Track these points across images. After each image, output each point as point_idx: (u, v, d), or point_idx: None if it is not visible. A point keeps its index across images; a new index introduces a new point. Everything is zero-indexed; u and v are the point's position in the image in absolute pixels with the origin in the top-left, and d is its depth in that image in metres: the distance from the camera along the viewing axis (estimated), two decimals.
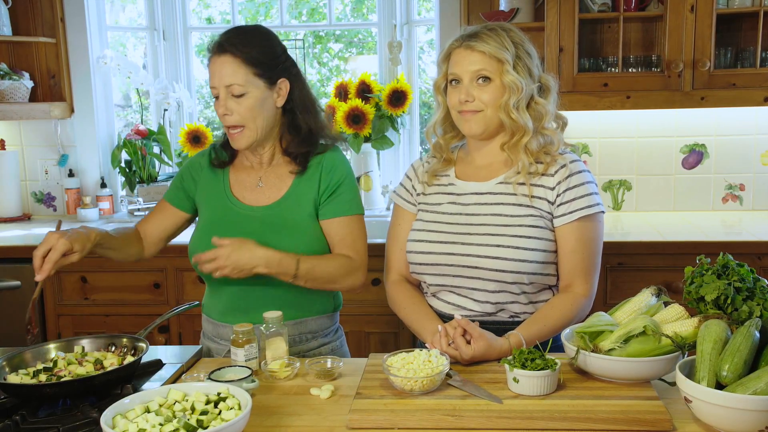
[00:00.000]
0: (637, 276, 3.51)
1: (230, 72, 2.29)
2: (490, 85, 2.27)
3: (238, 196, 2.47)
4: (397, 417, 1.82)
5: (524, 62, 2.28)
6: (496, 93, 2.27)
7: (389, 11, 4.67)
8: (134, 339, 2.19)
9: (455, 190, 2.41)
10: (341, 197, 2.43)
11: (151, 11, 4.81)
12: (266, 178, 2.47)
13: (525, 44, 2.31)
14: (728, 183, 4.24)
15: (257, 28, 2.41)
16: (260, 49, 2.33)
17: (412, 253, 2.39)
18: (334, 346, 2.56)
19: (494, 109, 2.28)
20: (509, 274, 2.25)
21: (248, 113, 2.32)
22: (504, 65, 2.25)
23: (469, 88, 2.29)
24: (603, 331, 2.02)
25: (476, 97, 2.28)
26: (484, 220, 2.31)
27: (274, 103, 2.38)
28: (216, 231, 2.35)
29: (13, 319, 3.75)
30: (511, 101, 2.26)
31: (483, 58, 2.27)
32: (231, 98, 2.31)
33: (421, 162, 2.54)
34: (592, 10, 3.85)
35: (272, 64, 2.35)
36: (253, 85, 2.31)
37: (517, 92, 2.26)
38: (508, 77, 2.25)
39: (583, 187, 2.29)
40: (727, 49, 3.83)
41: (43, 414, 1.91)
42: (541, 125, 2.33)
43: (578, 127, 4.23)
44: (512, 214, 2.29)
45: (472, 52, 2.28)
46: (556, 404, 1.85)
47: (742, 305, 1.92)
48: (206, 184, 2.52)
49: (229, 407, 1.75)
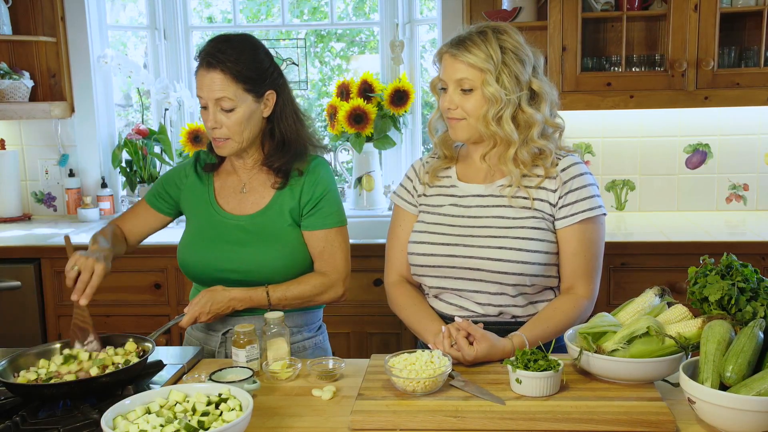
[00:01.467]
0: (641, 276, 3.50)
1: (220, 88, 2.33)
2: (472, 95, 2.26)
3: (223, 204, 2.53)
4: (399, 418, 1.82)
5: (511, 69, 2.24)
6: (477, 103, 2.25)
7: (391, 10, 4.66)
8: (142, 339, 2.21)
9: (457, 192, 2.40)
10: (323, 210, 2.48)
11: (152, 10, 4.80)
12: (250, 183, 2.53)
13: (518, 49, 2.27)
14: (732, 183, 4.23)
15: (246, 41, 2.43)
16: (250, 65, 2.37)
17: (414, 255, 2.38)
18: (317, 341, 2.60)
19: (476, 119, 2.27)
20: (511, 276, 2.24)
21: (237, 127, 2.37)
22: (485, 75, 2.22)
23: (452, 96, 2.28)
24: (606, 332, 2.01)
25: (459, 105, 2.27)
26: (486, 223, 2.30)
27: (261, 115, 2.43)
28: (203, 240, 2.49)
29: (14, 319, 3.76)
30: (489, 113, 2.24)
31: (465, 68, 2.25)
32: (220, 112, 2.36)
33: (421, 162, 2.53)
34: (595, 9, 3.84)
35: (261, 78, 2.40)
36: (242, 100, 2.36)
37: (496, 104, 2.23)
38: (489, 89, 2.22)
39: (585, 189, 2.28)
40: (731, 48, 3.83)
41: (43, 415, 1.91)
42: (530, 135, 2.28)
43: (581, 126, 4.22)
44: (514, 216, 2.28)
45: (455, 61, 2.26)
46: (559, 405, 1.85)
47: (746, 306, 1.91)
48: (191, 191, 2.58)
49: (230, 408, 1.75)
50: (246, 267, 2.43)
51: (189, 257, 2.51)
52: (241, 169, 2.53)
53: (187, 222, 2.60)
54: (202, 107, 2.39)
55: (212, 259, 2.46)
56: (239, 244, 2.44)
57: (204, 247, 2.48)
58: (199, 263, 2.48)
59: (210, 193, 2.55)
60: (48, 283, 3.80)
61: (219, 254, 2.45)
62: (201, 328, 2.57)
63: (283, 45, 4.90)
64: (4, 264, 3.76)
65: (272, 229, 2.46)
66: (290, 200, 2.47)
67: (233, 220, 2.48)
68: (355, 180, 4.54)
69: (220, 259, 2.45)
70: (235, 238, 2.46)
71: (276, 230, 2.46)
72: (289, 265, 2.45)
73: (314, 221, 2.47)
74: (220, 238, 2.47)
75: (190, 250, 2.51)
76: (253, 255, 2.44)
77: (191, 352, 2.35)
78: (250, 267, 2.43)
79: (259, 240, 2.45)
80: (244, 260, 2.43)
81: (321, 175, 2.49)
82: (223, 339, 2.50)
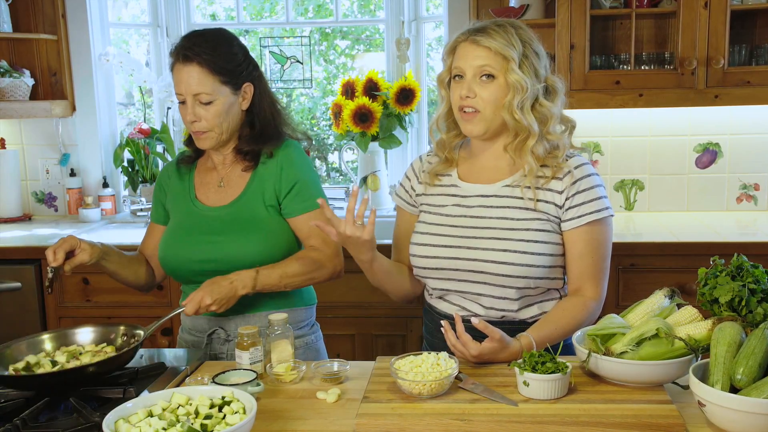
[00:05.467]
0: (650, 277, 3.49)
1: (197, 81, 2.36)
2: (493, 83, 2.21)
3: (202, 198, 2.55)
4: (405, 421, 1.81)
5: (531, 62, 2.22)
6: (498, 92, 2.22)
7: (397, 8, 4.65)
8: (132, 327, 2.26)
9: (459, 192, 2.37)
10: (303, 193, 2.47)
11: (155, 8, 4.79)
12: (227, 177, 2.54)
13: (533, 43, 2.26)
14: (743, 183, 4.21)
15: (220, 33, 2.47)
16: (225, 57, 2.40)
17: (416, 257, 2.36)
18: (309, 340, 2.59)
19: (494, 109, 2.23)
20: (516, 279, 2.22)
21: (216, 120, 2.40)
22: (509, 63, 2.19)
23: (471, 84, 2.23)
24: (615, 334, 2.01)
25: (477, 93, 2.22)
26: (490, 224, 2.27)
27: (240, 107, 2.46)
28: (180, 235, 2.51)
29: (14, 320, 3.76)
30: (515, 101, 2.21)
31: (488, 54, 2.21)
32: (199, 105, 2.39)
33: (421, 162, 2.50)
34: (603, 6, 3.83)
35: (237, 70, 2.43)
36: (219, 92, 2.39)
37: (521, 92, 2.20)
38: (513, 76, 2.19)
39: (592, 190, 2.25)
40: (742, 46, 3.81)
41: (44, 419, 1.91)
42: (546, 129, 2.26)
43: (590, 125, 4.21)
44: (519, 218, 2.25)
45: (477, 47, 2.22)
46: (567, 408, 1.84)
47: (756, 307, 1.90)
48: (174, 191, 2.61)
49: (233, 411, 1.74)
50: (222, 256, 2.41)
51: (166, 250, 2.51)
52: (220, 164, 2.55)
53: (169, 221, 2.60)
54: (180, 103, 2.42)
55: (188, 252, 2.46)
56: (216, 233, 2.45)
57: (181, 240, 2.49)
58: (175, 256, 2.48)
59: (190, 189, 2.56)
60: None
61: (195, 246, 2.45)
62: (188, 330, 2.57)
63: (287, 43, 4.89)
64: (5, 265, 3.76)
65: (248, 215, 2.45)
66: (264, 185, 2.47)
67: (211, 212, 2.49)
68: (360, 180, 4.52)
69: (195, 251, 2.45)
70: (211, 229, 2.47)
71: (252, 217, 2.45)
72: (268, 252, 2.43)
73: (297, 206, 2.46)
74: (197, 229, 2.48)
75: (168, 243, 2.52)
76: (230, 244, 2.43)
77: (194, 354, 2.34)
78: (227, 257, 2.41)
79: (236, 228, 2.45)
80: (220, 250, 2.42)
81: (292, 156, 2.50)
82: (208, 340, 2.51)
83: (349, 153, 4.68)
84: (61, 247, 2.29)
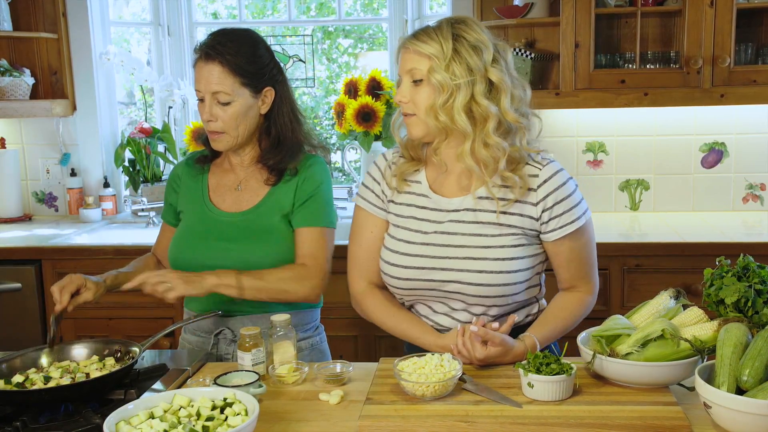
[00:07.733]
0: (655, 278, 3.46)
1: (217, 80, 2.35)
2: (421, 87, 2.16)
3: (216, 201, 2.53)
4: (408, 423, 1.81)
5: (462, 57, 2.12)
6: (426, 94, 2.15)
7: (400, 6, 4.64)
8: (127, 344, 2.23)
9: (429, 204, 2.28)
10: (311, 207, 2.46)
11: (156, 6, 4.78)
12: (246, 181, 2.52)
13: (470, 37, 2.14)
14: (749, 182, 4.19)
15: (247, 35, 2.45)
16: (249, 58, 2.39)
17: (388, 276, 2.29)
18: (314, 341, 2.58)
19: (425, 111, 2.16)
20: (494, 298, 2.20)
21: (232, 121, 2.39)
22: (432, 63, 2.13)
23: (404, 89, 2.21)
24: (620, 335, 2.00)
25: (411, 97, 2.19)
26: (463, 241, 2.20)
27: (258, 111, 2.44)
28: (193, 238, 2.49)
29: (14, 321, 3.75)
30: (438, 102, 2.14)
31: (414, 58, 2.17)
32: (216, 105, 2.38)
33: (386, 162, 2.40)
34: (608, 4, 3.83)
35: (260, 73, 2.41)
36: (239, 94, 2.37)
37: (444, 92, 2.12)
38: (435, 76, 2.12)
39: (570, 198, 2.20)
40: (748, 45, 3.80)
41: (44, 420, 1.90)
42: (486, 129, 2.15)
43: (594, 125, 4.20)
44: (493, 233, 2.19)
45: (407, 52, 2.20)
46: (572, 410, 1.84)
47: (763, 308, 1.90)
48: (186, 191, 2.59)
49: (235, 413, 1.74)
50: (234, 264, 2.39)
51: (178, 254, 2.50)
52: (238, 166, 2.53)
53: (181, 222, 2.59)
54: (198, 100, 2.41)
55: (200, 256, 2.44)
56: (229, 240, 2.44)
57: (193, 244, 2.48)
58: (187, 260, 2.47)
59: (204, 191, 2.54)
60: (49, 284, 3.74)
61: (207, 251, 2.44)
62: (193, 331, 2.56)
63: (290, 42, 4.89)
64: (5, 265, 3.75)
65: (263, 226, 2.44)
66: (283, 197, 2.45)
67: (225, 217, 2.48)
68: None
69: (208, 255, 2.43)
70: (225, 235, 2.45)
71: (267, 227, 2.44)
72: (281, 262, 2.42)
73: (302, 217, 2.45)
74: (210, 234, 2.47)
75: (180, 246, 2.51)
76: (242, 252, 2.42)
77: (196, 355, 2.33)
78: (238, 264, 2.39)
79: (250, 237, 2.44)
80: (232, 257, 2.41)
81: (314, 173, 2.48)
82: (215, 341, 2.50)
83: (352, 152, 4.66)
84: (66, 288, 2.28)
